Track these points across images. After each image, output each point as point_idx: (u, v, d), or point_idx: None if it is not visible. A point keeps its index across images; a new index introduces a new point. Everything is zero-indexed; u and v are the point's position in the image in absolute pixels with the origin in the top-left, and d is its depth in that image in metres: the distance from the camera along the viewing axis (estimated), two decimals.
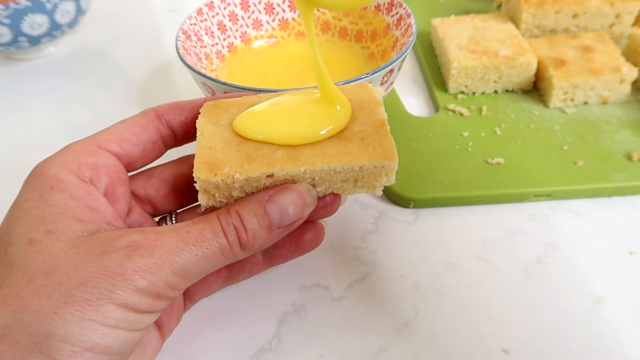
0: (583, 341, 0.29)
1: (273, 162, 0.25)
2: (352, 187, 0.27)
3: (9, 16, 0.51)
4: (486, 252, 0.34)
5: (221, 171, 0.25)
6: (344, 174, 0.26)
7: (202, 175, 0.25)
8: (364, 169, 0.25)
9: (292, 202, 0.25)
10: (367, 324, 0.30)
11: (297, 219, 0.25)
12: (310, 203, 0.26)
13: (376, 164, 0.25)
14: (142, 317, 0.21)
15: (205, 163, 0.25)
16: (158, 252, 0.21)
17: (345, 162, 0.25)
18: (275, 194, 0.25)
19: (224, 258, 0.23)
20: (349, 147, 0.26)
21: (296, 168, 0.25)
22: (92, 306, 0.20)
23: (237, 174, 0.25)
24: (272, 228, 0.24)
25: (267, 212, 0.24)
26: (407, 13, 0.43)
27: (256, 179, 0.25)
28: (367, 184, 0.27)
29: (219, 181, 0.25)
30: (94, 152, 0.26)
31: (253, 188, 0.26)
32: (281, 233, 0.25)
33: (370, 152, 0.25)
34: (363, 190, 0.27)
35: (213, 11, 0.46)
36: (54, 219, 0.22)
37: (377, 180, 0.26)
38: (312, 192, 0.26)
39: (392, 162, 0.25)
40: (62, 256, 0.21)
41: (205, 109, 0.28)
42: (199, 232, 0.23)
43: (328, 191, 0.27)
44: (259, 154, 0.25)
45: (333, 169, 0.25)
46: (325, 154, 0.25)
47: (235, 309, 0.32)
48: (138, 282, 0.21)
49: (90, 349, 0.20)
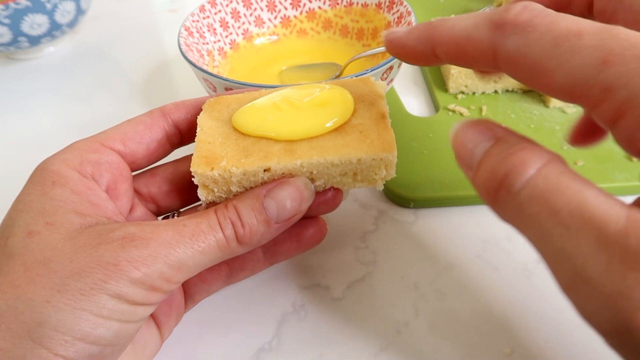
0: (583, 341, 0.29)
1: (270, 155, 0.25)
2: (352, 181, 0.27)
3: (9, 16, 0.51)
4: (486, 252, 0.34)
5: (218, 165, 0.25)
6: (342, 167, 0.25)
7: (199, 169, 0.25)
8: (362, 162, 0.25)
9: (289, 196, 0.25)
10: (367, 324, 0.30)
11: (295, 213, 0.25)
12: (308, 197, 0.25)
13: (374, 156, 0.25)
14: (136, 309, 0.21)
15: (203, 157, 0.25)
16: (153, 244, 0.21)
17: (342, 154, 0.25)
18: (272, 188, 0.25)
19: (220, 252, 0.23)
20: (347, 140, 0.26)
21: (293, 161, 0.25)
22: (85, 296, 0.20)
23: (234, 168, 0.25)
24: (269, 223, 0.24)
25: (264, 207, 0.24)
26: (408, 11, 0.43)
27: (253, 173, 0.25)
28: (367, 177, 0.26)
29: (216, 175, 0.25)
30: (97, 149, 0.26)
31: (251, 183, 0.26)
32: (279, 228, 0.25)
33: (369, 144, 0.25)
34: (364, 185, 0.27)
35: (215, 8, 0.46)
36: (53, 212, 0.22)
37: (377, 174, 0.26)
38: (309, 186, 0.26)
39: (391, 154, 0.25)
40: (59, 247, 0.21)
41: (207, 105, 0.28)
42: (195, 225, 0.23)
43: (328, 185, 0.27)
44: (256, 148, 0.25)
45: (330, 161, 0.25)
46: (323, 147, 0.25)
47: (235, 309, 0.32)
48: (132, 273, 0.21)
49: (81, 339, 0.20)
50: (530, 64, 0.18)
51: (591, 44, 0.16)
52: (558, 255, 0.16)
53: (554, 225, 0.16)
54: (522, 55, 0.18)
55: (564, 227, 0.16)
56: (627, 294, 0.14)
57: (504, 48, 0.18)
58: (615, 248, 0.15)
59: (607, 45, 0.16)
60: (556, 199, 0.16)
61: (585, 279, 0.15)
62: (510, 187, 0.18)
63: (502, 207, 0.18)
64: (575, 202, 0.16)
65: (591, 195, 0.16)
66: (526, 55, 0.18)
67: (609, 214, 0.15)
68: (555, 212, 0.16)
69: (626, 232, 0.15)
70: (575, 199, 0.16)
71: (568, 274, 0.16)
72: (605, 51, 0.16)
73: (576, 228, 0.16)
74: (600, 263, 0.15)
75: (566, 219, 0.16)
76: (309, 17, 0.50)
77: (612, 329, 0.15)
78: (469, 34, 0.20)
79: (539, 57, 0.17)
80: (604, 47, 0.16)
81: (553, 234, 0.16)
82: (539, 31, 0.17)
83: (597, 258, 0.15)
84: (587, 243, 0.15)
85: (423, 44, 0.22)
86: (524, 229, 0.18)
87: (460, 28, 0.20)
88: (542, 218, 0.17)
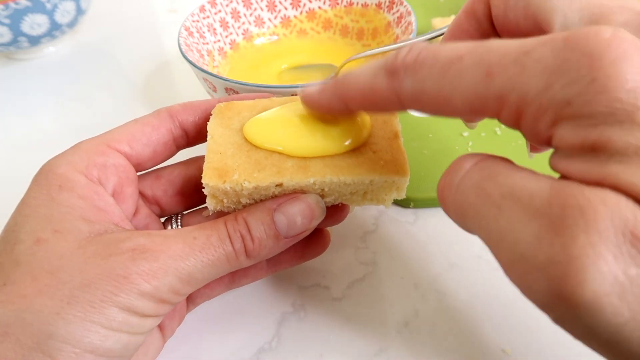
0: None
1: (283, 171, 0.25)
2: (361, 199, 0.27)
3: (8, 16, 0.51)
4: (486, 252, 0.34)
5: (230, 178, 0.24)
6: (353, 186, 0.25)
7: (210, 181, 0.24)
8: (375, 183, 0.25)
9: (300, 213, 0.24)
10: (367, 324, 0.30)
11: (304, 229, 0.25)
12: (319, 215, 0.25)
13: (387, 178, 0.25)
14: (145, 321, 0.21)
15: (215, 169, 0.25)
16: (163, 256, 0.21)
17: (355, 175, 0.25)
18: (283, 203, 0.24)
19: (229, 265, 0.23)
20: (361, 160, 0.25)
21: (306, 179, 0.24)
22: (95, 308, 0.20)
23: (246, 182, 0.24)
24: (278, 237, 0.24)
25: (274, 221, 0.24)
26: (408, 11, 0.43)
27: (265, 188, 0.25)
28: (376, 197, 0.26)
29: (228, 188, 0.24)
30: (103, 151, 0.25)
31: (262, 196, 0.25)
32: (287, 243, 0.25)
33: (382, 166, 0.25)
34: (372, 203, 0.27)
35: (215, 8, 0.46)
36: (61, 219, 0.22)
37: (387, 195, 0.26)
38: (320, 204, 0.25)
39: (404, 178, 0.25)
40: (68, 256, 0.21)
41: (217, 111, 0.28)
42: (205, 238, 0.23)
43: (337, 202, 0.27)
44: (268, 162, 0.25)
45: (343, 181, 0.25)
46: (336, 165, 0.25)
47: (235, 309, 0.32)
48: (142, 286, 0.21)
49: (91, 351, 0.20)
50: (430, 98, 0.19)
51: (472, 62, 0.17)
52: (495, 236, 0.17)
53: (489, 208, 0.17)
54: (420, 93, 0.19)
55: (497, 209, 0.17)
56: (556, 259, 0.15)
57: (403, 91, 0.19)
58: (542, 219, 0.15)
59: (486, 60, 0.17)
60: (488, 185, 0.18)
61: (519, 254, 0.16)
62: (450, 183, 0.19)
63: (447, 204, 0.20)
64: (505, 184, 0.17)
65: (519, 176, 0.17)
66: (423, 92, 0.19)
67: (534, 189, 0.16)
68: (488, 196, 0.17)
69: (549, 202, 0.16)
70: (505, 182, 0.17)
71: (505, 253, 0.17)
72: (486, 65, 0.17)
73: (507, 207, 0.17)
74: (530, 235, 0.16)
75: (498, 200, 0.17)
76: (309, 17, 0.50)
77: (549, 300, 0.15)
78: (371, 86, 0.21)
79: (434, 89, 0.18)
80: (483, 62, 0.17)
81: (489, 217, 0.17)
82: (426, 66, 0.19)
83: (527, 231, 0.16)
84: (518, 218, 0.16)
85: (336, 102, 0.23)
86: (466, 220, 0.19)
87: (363, 82, 0.21)
88: (479, 205, 0.18)
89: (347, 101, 0.23)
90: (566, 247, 0.15)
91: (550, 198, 0.16)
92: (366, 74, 0.21)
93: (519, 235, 0.16)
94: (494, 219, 0.17)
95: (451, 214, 0.20)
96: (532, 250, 0.16)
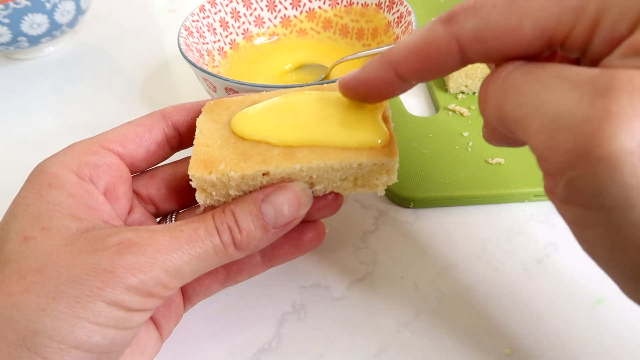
0: (583, 341, 0.29)
1: (269, 159, 0.25)
2: (353, 186, 0.26)
3: (8, 16, 0.51)
4: (486, 252, 0.34)
5: (216, 169, 0.24)
6: (342, 171, 0.25)
7: (197, 172, 0.24)
8: (363, 167, 0.25)
9: (287, 202, 0.24)
10: (367, 324, 0.30)
11: (292, 218, 0.25)
12: (306, 202, 0.25)
13: (375, 161, 0.25)
14: (132, 316, 0.21)
15: (201, 161, 0.25)
16: (150, 250, 0.21)
17: (342, 159, 0.24)
18: (270, 193, 0.24)
19: (217, 258, 0.23)
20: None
21: (292, 165, 0.24)
22: (80, 303, 0.20)
23: (232, 172, 0.24)
24: (267, 228, 0.24)
25: (262, 212, 0.24)
26: (408, 11, 0.43)
27: (252, 177, 0.25)
28: (367, 182, 0.26)
29: (214, 179, 0.24)
30: (96, 151, 0.26)
31: (250, 187, 0.25)
32: (277, 233, 0.25)
33: (370, 148, 0.25)
34: (364, 190, 0.26)
35: (215, 8, 0.46)
36: (49, 216, 0.22)
37: (378, 179, 0.26)
38: (307, 191, 0.25)
39: (393, 160, 0.25)
40: (55, 253, 0.21)
41: (207, 108, 0.28)
42: (192, 231, 0.23)
43: (328, 190, 0.26)
44: (255, 151, 0.25)
45: (330, 166, 0.24)
46: (323, 151, 0.25)
47: (235, 309, 0.32)
48: (128, 280, 0.20)
49: (77, 347, 0.20)
50: (495, 31, 0.19)
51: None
52: (533, 106, 0.17)
53: (534, 85, 0.18)
54: (484, 29, 0.19)
55: (542, 85, 0.17)
56: (593, 116, 0.15)
57: (465, 32, 0.19)
58: (587, 87, 0.16)
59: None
60: (537, 70, 0.18)
61: (555, 117, 0.16)
62: (498, 75, 0.19)
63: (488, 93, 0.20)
64: (554, 70, 0.18)
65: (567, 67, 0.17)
66: (487, 27, 0.19)
67: (583, 70, 0.17)
68: (536, 77, 0.18)
69: (598, 75, 0.16)
70: (554, 68, 0.18)
71: (539, 119, 0.17)
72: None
73: (553, 83, 0.17)
74: (572, 99, 0.16)
75: (545, 79, 0.17)
76: (309, 17, 0.50)
77: (573, 156, 0.16)
78: (427, 40, 0.20)
79: (500, 21, 0.18)
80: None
81: (531, 93, 0.18)
82: (489, 3, 0.19)
83: (569, 96, 0.16)
84: (562, 89, 0.17)
85: (384, 70, 0.22)
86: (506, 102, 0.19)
87: (416, 38, 0.21)
88: (524, 85, 0.18)
89: (398, 66, 0.22)
90: (606, 106, 0.15)
91: (600, 73, 0.16)
92: (419, 32, 0.21)
93: (559, 100, 0.16)
94: (535, 94, 0.17)
95: (489, 103, 0.20)
96: (571, 110, 0.16)
